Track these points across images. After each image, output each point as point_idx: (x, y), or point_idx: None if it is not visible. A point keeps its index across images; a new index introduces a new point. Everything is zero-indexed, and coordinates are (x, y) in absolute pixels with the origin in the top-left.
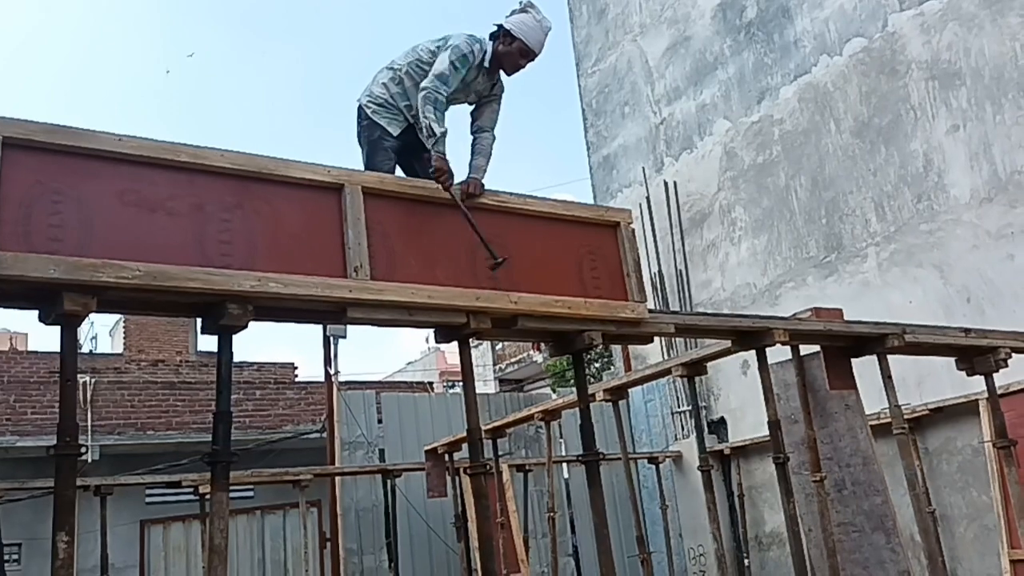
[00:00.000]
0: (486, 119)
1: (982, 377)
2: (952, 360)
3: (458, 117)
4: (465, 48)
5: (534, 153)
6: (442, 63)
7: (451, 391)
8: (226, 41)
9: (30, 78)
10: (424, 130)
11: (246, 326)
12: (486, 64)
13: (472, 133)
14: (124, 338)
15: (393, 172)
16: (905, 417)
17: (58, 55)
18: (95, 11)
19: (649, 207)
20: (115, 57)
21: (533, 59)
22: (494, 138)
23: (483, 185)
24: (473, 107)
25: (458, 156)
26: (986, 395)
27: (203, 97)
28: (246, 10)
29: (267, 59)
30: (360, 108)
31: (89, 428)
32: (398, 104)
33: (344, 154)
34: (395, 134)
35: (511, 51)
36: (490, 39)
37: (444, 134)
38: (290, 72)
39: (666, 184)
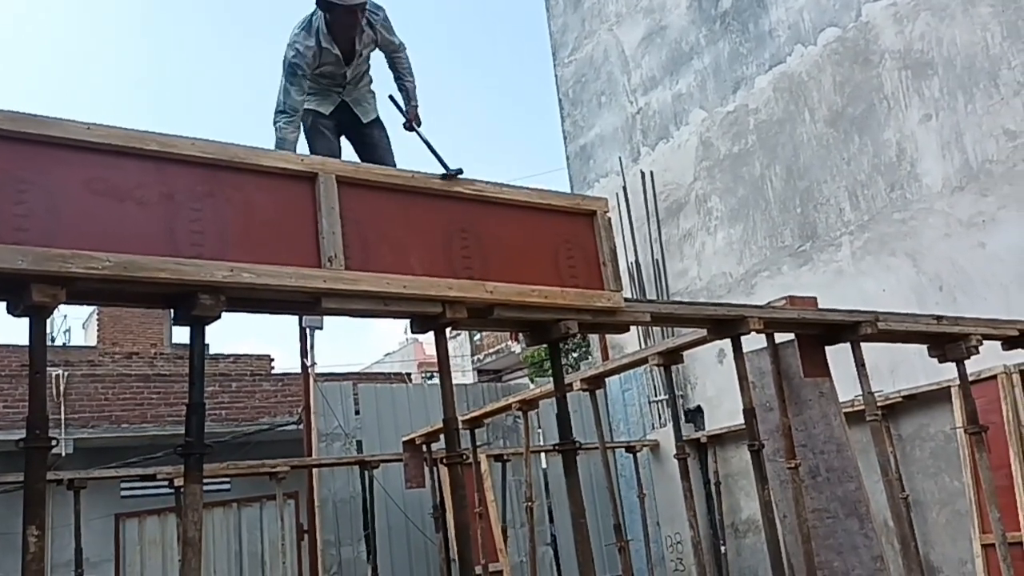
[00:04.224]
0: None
1: (954, 364)
2: (924, 347)
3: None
4: (291, 56)
5: (510, 143)
6: (280, 92)
7: (429, 382)
8: (209, 34)
9: (11, 71)
10: None
11: (219, 317)
12: (324, 42)
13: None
14: (98, 330)
15: (338, 153)
16: (878, 404)
17: (39, 47)
18: (78, 1)
19: (626, 197)
20: (98, 49)
21: (359, 9)
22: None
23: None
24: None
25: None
26: (958, 382)
27: (186, 90)
28: (229, 2)
29: (249, 52)
30: None
31: (62, 421)
32: (318, 82)
33: None
34: (327, 112)
35: (338, 20)
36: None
37: (285, 140)
38: (270, 66)
39: (643, 174)
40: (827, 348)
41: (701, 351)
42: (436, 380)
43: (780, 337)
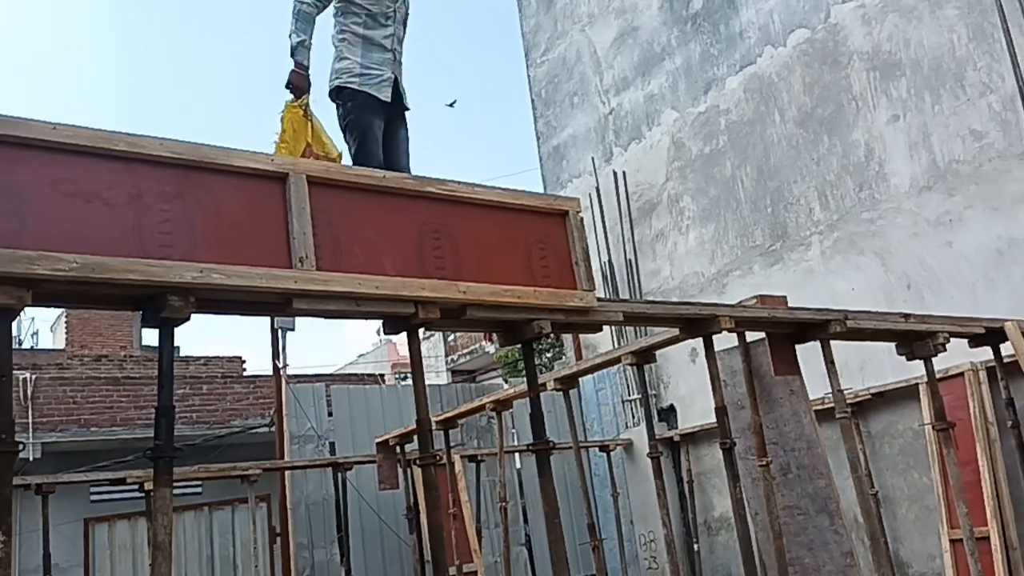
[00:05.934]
0: None
1: (922, 362)
2: (892, 345)
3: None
4: None
5: (483, 143)
6: None
7: (403, 383)
8: (182, 34)
9: None
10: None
11: (188, 318)
12: None
13: None
14: (66, 333)
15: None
16: (848, 401)
17: (10, 48)
18: (50, 2)
19: (599, 197)
20: (69, 50)
21: None
22: None
23: None
24: None
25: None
26: (925, 379)
27: (159, 91)
28: (207, 3)
29: (221, 52)
30: (338, 91)
31: (30, 425)
32: (373, 61)
33: None
34: (387, 99)
35: None
36: None
37: (302, 43)
38: (243, 66)
39: (615, 174)
40: (797, 346)
41: (674, 350)
42: (410, 381)
43: (751, 336)
